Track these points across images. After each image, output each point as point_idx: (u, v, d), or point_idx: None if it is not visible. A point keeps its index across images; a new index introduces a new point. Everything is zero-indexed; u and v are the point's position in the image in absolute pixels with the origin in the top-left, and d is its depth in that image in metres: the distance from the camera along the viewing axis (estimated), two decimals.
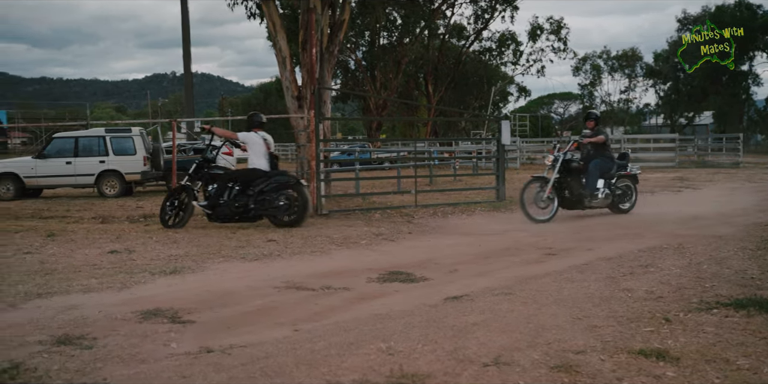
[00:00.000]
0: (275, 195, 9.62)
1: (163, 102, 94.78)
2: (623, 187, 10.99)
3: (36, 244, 8.28)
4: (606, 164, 10.67)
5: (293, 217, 9.75)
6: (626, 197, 11.07)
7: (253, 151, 9.88)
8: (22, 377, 3.58)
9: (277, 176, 9.75)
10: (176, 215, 9.94)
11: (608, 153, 10.87)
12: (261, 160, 9.85)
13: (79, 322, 4.71)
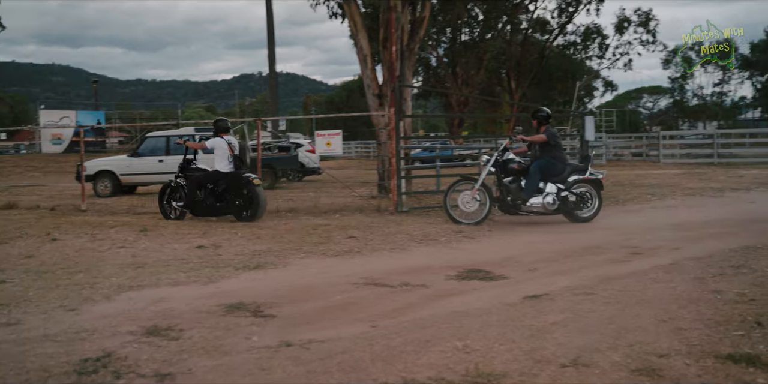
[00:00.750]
0: (232, 195, 10.52)
1: (250, 101, 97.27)
2: (581, 193, 10.00)
3: (129, 239, 8.66)
4: (553, 166, 9.88)
5: (249, 213, 10.45)
6: (584, 204, 10.03)
7: (217, 154, 10.64)
8: (114, 365, 3.77)
9: (234, 178, 10.52)
10: (174, 210, 11.04)
11: (559, 154, 10.04)
12: (223, 163, 10.61)
13: (167, 314, 4.91)
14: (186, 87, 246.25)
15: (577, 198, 9.94)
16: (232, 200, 10.54)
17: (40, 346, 4.15)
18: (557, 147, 10.09)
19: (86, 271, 6.60)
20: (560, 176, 9.86)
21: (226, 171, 10.61)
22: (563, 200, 9.81)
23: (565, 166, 9.99)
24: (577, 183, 9.95)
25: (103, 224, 9.98)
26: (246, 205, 10.50)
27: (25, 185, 23.21)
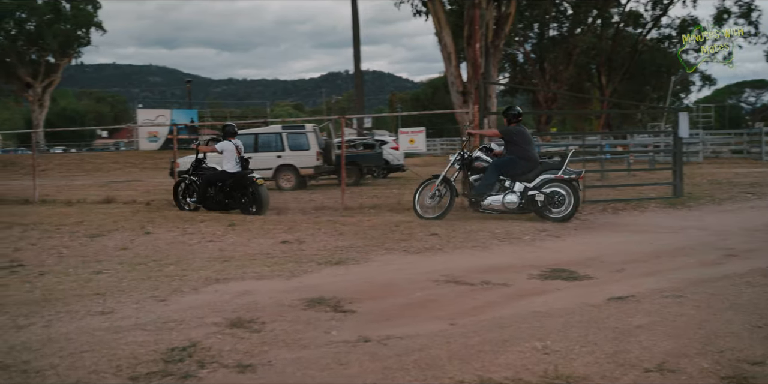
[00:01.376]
0: (238, 193, 11.48)
1: (336, 99, 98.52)
2: (551, 193, 9.70)
3: (218, 233, 8.93)
4: (514, 165, 9.79)
5: (255, 208, 11.33)
6: (555, 203, 9.71)
7: (226, 157, 11.55)
8: (198, 355, 3.90)
9: (240, 177, 11.45)
10: (187, 203, 12.07)
11: (524, 153, 9.84)
12: (231, 164, 11.53)
13: (250, 306, 5.04)
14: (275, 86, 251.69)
15: (546, 198, 9.69)
16: (238, 197, 11.49)
17: (131, 334, 4.34)
18: (520, 145, 9.89)
19: (176, 264, 6.85)
20: (526, 175, 9.77)
21: (233, 171, 11.51)
22: (530, 200, 9.70)
23: (531, 164, 9.82)
24: (548, 182, 9.72)
25: (194, 219, 10.33)
26: (251, 202, 11.41)
27: (123, 181, 24.32)
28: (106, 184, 22.61)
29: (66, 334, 4.38)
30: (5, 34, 46.36)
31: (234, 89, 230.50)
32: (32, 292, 5.67)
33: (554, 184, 9.72)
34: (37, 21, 46.27)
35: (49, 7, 46.79)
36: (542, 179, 9.73)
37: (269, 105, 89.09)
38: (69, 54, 48.89)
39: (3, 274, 6.51)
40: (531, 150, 10.01)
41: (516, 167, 9.82)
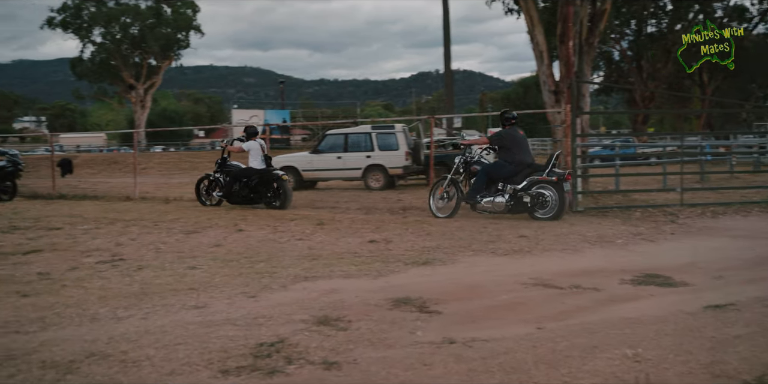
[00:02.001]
0: (263, 188, 12.28)
1: (426, 99, 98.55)
2: (536, 194, 9.94)
3: (307, 232, 9.09)
4: (501, 168, 10.23)
5: (278, 202, 12.19)
6: (540, 204, 9.95)
7: (252, 155, 12.46)
8: (286, 351, 3.98)
9: (266, 174, 12.31)
10: (209, 198, 12.99)
11: (510, 156, 10.20)
12: (256, 162, 12.44)
13: (337, 305, 5.10)
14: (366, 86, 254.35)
15: (532, 199, 9.96)
16: (264, 192, 12.34)
17: (222, 328, 4.47)
18: (508, 149, 10.23)
19: (267, 261, 7.02)
20: (513, 178, 10.09)
21: (259, 168, 12.39)
22: (518, 200, 10.03)
23: (518, 167, 10.11)
24: (534, 184, 9.97)
25: (284, 217, 10.56)
26: (275, 197, 12.28)
27: None
28: None
29: (162, 326, 4.56)
30: (111, 39, 48.75)
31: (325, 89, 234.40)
32: (131, 286, 5.94)
33: (540, 185, 9.96)
34: (141, 25, 48.45)
35: (152, 12, 48.92)
36: (529, 180, 10.00)
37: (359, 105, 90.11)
38: (169, 56, 50.96)
39: (105, 267, 6.84)
40: (518, 153, 10.23)
41: (502, 170, 10.21)
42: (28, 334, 4.49)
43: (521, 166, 10.15)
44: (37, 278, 6.35)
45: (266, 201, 12.36)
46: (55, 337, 4.39)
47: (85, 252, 7.74)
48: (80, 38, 49.02)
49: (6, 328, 4.62)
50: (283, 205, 12.17)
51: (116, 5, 49.30)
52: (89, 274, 6.49)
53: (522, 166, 10.15)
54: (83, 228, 9.69)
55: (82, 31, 48.82)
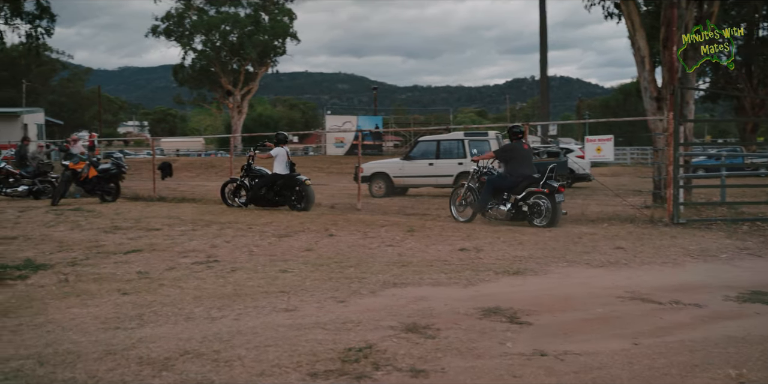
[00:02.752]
0: (288, 191, 13.14)
1: (520, 106, 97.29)
2: (533, 204, 10.60)
3: (397, 238, 9.09)
4: (503, 180, 10.93)
5: (303, 205, 12.99)
6: (537, 213, 10.58)
7: (278, 161, 13.25)
8: (374, 357, 3.96)
9: (290, 179, 13.13)
10: (233, 200, 13.75)
11: (512, 169, 10.94)
12: (281, 167, 13.21)
13: (426, 312, 5.05)
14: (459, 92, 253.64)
15: (530, 208, 10.62)
16: (288, 196, 13.15)
17: (312, 332, 4.50)
18: (511, 161, 10.97)
19: (356, 266, 7.04)
20: (514, 188, 10.76)
21: (284, 173, 13.17)
22: (518, 209, 10.71)
23: (519, 179, 10.74)
24: (532, 194, 10.60)
25: (375, 223, 10.59)
26: (299, 199, 13.07)
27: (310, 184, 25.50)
28: None
29: (253, 328, 4.63)
30: (211, 46, 50.49)
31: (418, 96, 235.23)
32: (225, 287, 6.08)
33: (536, 195, 10.60)
34: (239, 33, 49.93)
35: (250, 20, 50.34)
36: (527, 191, 10.62)
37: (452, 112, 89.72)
38: (266, 63, 52.27)
39: (200, 268, 7.04)
40: (520, 166, 10.90)
41: (504, 182, 10.92)
42: (127, 330, 4.65)
43: (521, 177, 10.77)
44: (137, 277, 6.60)
45: (290, 204, 13.16)
46: (152, 334, 4.53)
47: (182, 253, 8.00)
48: (182, 46, 50.97)
49: (107, 325, 4.80)
50: (306, 207, 12.98)
51: (217, 13, 51.03)
52: (185, 275, 6.69)
53: (522, 178, 10.76)
54: (181, 229, 10.03)
55: (183, 38, 50.77)
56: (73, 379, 3.65)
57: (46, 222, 11.15)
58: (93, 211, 12.71)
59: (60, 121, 51.51)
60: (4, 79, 60.80)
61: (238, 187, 13.86)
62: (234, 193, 13.90)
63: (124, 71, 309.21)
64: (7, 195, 16.31)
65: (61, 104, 67.42)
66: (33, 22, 25.34)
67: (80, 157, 15.35)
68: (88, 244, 8.69)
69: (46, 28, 25.78)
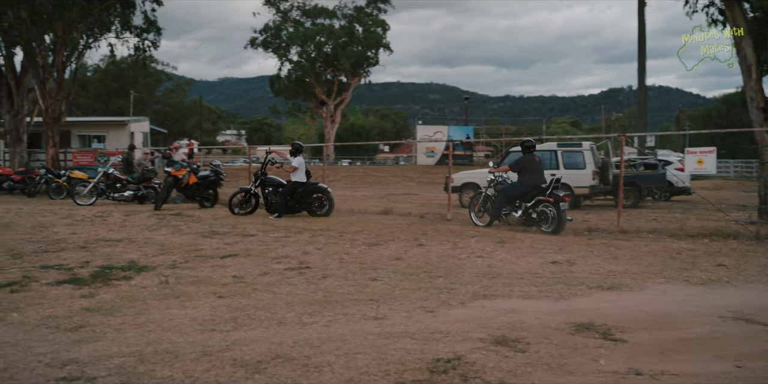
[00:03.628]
0: (309, 198, 13.73)
1: (616, 116, 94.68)
2: (540, 211, 11.44)
3: (487, 249, 9.00)
4: (515, 189, 11.87)
5: (324, 210, 13.75)
6: (545, 220, 11.39)
7: (299, 170, 13.75)
8: (462, 368, 3.93)
9: (310, 186, 13.74)
10: (242, 208, 14.05)
11: (523, 179, 11.79)
12: (301, 175, 13.72)
13: (516, 325, 4.97)
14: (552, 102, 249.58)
15: (538, 215, 11.48)
16: (309, 202, 13.74)
17: (400, 341, 4.52)
18: (523, 173, 11.85)
19: (446, 277, 7.02)
20: (525, 197, 11.71)
21: (303, 181, 13.69)
22: (528, 216, 11.65)
23: (529, 188, 11.66)
24: (540, 203, 11.47)
25: (465, 234, 10.54)
26: (320, 206, 13.79)
27: (400, 194, 25.65)
28: (385, 196, 24.02)
29: (342, 335, 4.69)
30: (306, 57, 51.64)
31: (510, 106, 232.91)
32: (316, 294, 6.18)
33: (544, 204, 11.43)
34: (334, 44, 50.86)
35: (345, 31, 51.23)
36: (536, 200, 11.51)
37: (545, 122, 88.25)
38: (359, 73, 53.00)
39: (293, 274, 7.19)
40: (531, 177, 11.77)
41: (515, 191, 11.83)
42: (222, 332, 4.80)
43: (531, 187, 11.65)
44: (232, 281, 6.81)
45: (310, 210, 13.73)
46: (245, 337, 4.65)
47: (275, 258, 8.19)
48: (278, 57, 52.33)
49: (203, 326, 4.97)
50: (328, 213, 13.74)
51: (312, 25, 52.20)
52: (278, 280, 6.85)
53: (532, 187, 11.64)
54: (274, 236, 10.26)
55: (280, 50, 52.13)
56: (171, 378, 3.80)
57: (149, 226, 11.66)
58: (192, 216, 13.20)
59: (164, 129, 53.77)
60: (114, 89, 64.13)
61: (247, 197, 14.13)
62: (242, 203, 14.08)
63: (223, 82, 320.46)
64: (114, 199, 17.15)
65: (165, 113, 70.38)
66: (141, 36, 26.61)
67: (182, 164, 15.98)
68: (187, 247, 9.03)
69: (152, 41, 26.99)
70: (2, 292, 6.24)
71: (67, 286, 6.50)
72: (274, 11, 52.84)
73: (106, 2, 24.61)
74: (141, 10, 26.29)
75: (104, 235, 10.29)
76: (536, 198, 11.49)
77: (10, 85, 25.39)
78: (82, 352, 4.31)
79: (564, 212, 11.25)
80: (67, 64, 25.98)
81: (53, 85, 25.32)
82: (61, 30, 24.05)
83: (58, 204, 17.20)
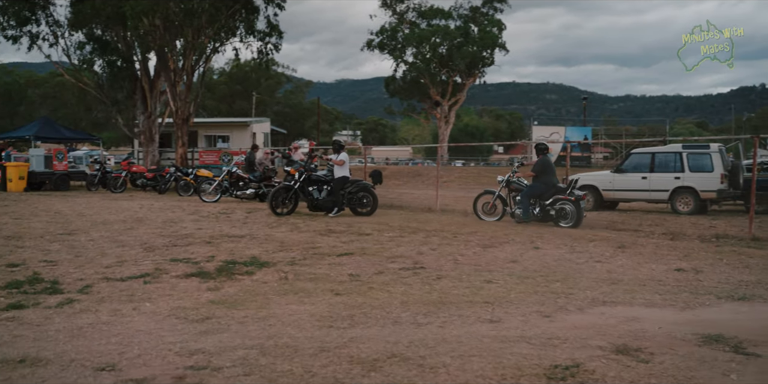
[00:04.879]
0: (355, 196, 13.87)
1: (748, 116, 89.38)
2: (559, 209, 12.42)
3: (606, 254, 8.72)
4: (536, 189, 12.68)
5: (368, 209, 13.91)
6: (564, 217, 12.38)
7: (346, 165, 13.93)
8: (581, 376, 3.83)
9: (357, 183, 14.06)
10: (285, 206, 13.88)
11: (544, 179, 12.68)
12: (346, 171, 13.94)
13: (638, 334, 4.79)
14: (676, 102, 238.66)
15: (556, 212, 12.44)
16: (357, 200, 13.92)
17: (517, 345, 4.45)
18: (542, 174, 12.72)
19: (563, 281, 6.86)
20: (543, 195, 12.59)
21: (349, 176, 13.99)
22: (546, 213, 12.54)
23: (548, 188, 12.59)
24: (558, 201, 12.44)
25: (582, 237, 10.26)
26: (363, 205, 13.97)
27: None
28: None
29: (457, 336, 4.68)
30: (422, 58, 51.80)
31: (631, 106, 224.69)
32: (430, 294, 6.19)
33: (562, 202, 12.42)
34: (449, 45, 50.75)
35: (460, 32, 50.99)
36: (554, 198, 12.47)
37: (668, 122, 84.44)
38: (474, 74, 52.61)
39: (407, 274, 7.24)
40: (549, 177, 12.74)
41: (536, 191, 12.66)
42: (339, 329, 4.90)
43: (550, 186, 12.62)
44: (348, 279, 6.93)
45: (354, 208, 13.91)
46: (361, 335, 4.73)
47: (390, 258, 8.28)
48: (394, 58, 52.75)
49: (321, 322, 5.09)
50: (372, 212, 13.94)
51: (428, 27, 52.29)
52: (393, 279, 6.92)
53: (550, 187, 12.61)
54: (389, 235, 10.37)
55: (396, 51, 52.53)
56: (291, 372, 3.91)
57: (269, 223, 12.08)
58: (309, 215, 13.53)
59: (283, 130, 55.46)
60: (237, 91, 66.78)
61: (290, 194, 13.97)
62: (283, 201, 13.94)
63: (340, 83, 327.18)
64: (236, 197, 17.89)
65: (285, 114, 72.53)
66: (264, 39, 27.61)
67: (300, 163, 16.43)
68: (305, 245, 9.28)
69: (274, 45, 27.92)
70: (137, 282, 6.64)
71: (195, 279, 6.83)
72: (391, 13, 53.33)
73: (232, 8, 25.72)
74: (264, 15, 27.33)
75: (228, 232, 10.74)
76: (555, 197, 12.44)
77: (144, 89, 27.03)
78: (208, 342, 4.52)
79: (582, 209, 12.41)
80: (195, 68, 27.37)
81: (183, 88, 26.69)
82: (190, 35, 25.35)
83: (186, 200, 18.14)
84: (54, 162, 23.25)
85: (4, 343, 4.51)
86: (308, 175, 14.19)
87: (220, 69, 66.54)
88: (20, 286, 6.35)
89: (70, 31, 27.23)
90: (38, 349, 4.36)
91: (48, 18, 26.89)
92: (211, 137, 36.24)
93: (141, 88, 27.17)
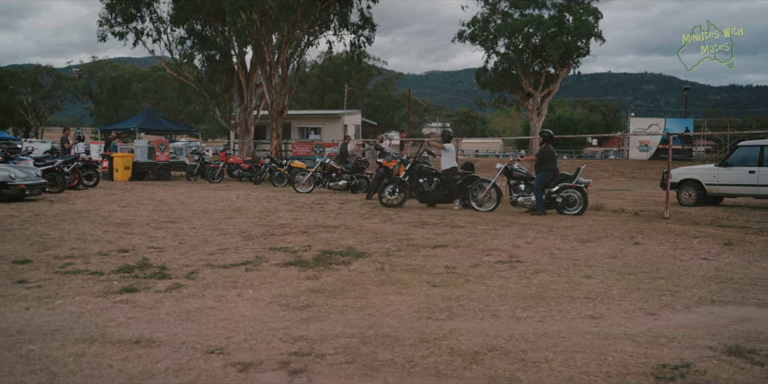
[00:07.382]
0: (473, 186, 13.53)
1: None
2: (566, 196, 12.62)
3: (713, 251, 8.36)
4: (545, 177, 12.67)
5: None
6: (569, 203, 12.62)
7: (449, 156, 13.79)
8: (691, 377, 3.69)
9: (470, 174, 13.93)
10: (395, 198, 13.70)
11: (550, 167, 12.77)
12: (453, 162, 13.85)
13: (751, 335, 4.58)
14: None
15: (563, 200, 12.63)
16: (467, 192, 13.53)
17: (621, 343, 4.33)
18: (547, 162, 12.82)
19: (667, 278, 6.63)
20: (550, 183, 12.68)
21: (456, 166, 13.85)
22: (552, 200, 12.69)
23: (555, 176, 12.75)
24: (564, 189, 12.64)
25: (686, 233, 9.88)
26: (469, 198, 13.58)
27: (611, 189, 24.57)
28: (595, 191, 23.13)
29: (558, 331, 4.59)
30: (514, 49, 50.98)
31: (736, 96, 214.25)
32: (528, 288, 6.11)
33: (570, 189, 12.66)
34: (542, 35, 49.71)
35: (554, 21, 49.80)
36: (561, 186, 12.66)
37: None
38: (568, 64, 51.31)
39: (504, 267, 7.16)
40: (553, 165, 12.89)
41: (545, 179, 12.68)
42: (438, 321, 4.90)
43: (555, 174, 12.79)
44: (444, 271, 6.93)
45: (460, 197, 13.61)
46: (460, 327, 4.71)
47: (485, 251, 8.21)
48: (485, 49, 51.93)
49: (419, 314, 5.11)
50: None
51: (521, 16, 51.36)
52: (490, 272, 6.86)
53: (556, 174, 12.79)
54: (483, 228, 10.29)
55: (487, 42, 51.80)
56: (392, 361, 3.94)
57: (362, 214, 12.20)
58: (402, 207, 13.59)
59: (374, 122, 55.88)
60: (329, 84, 67.67)
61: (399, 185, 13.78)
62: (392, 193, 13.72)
63: (430, 75, 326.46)
64: (329, 188, 18.17)
65: (375, 106, 72.99)
66: (357, 32, 27.84)
67: (393, 155, 16.51)
68: (399, 236, 9.33)
69: (367, 37, 28.10)
70: (239, 269, 6.85)
71: (293, 268, 6.99)
72: (483, 4, 52.62)
73: (326, 2, 26.04)
74: (357, 8, 27.52)
75: (323, 222, 10.92)
76: (561, 184, 12.64)
77: (241, 82, 27.78)
78: (310, 329, 4.61)
79: (587, 197, 12.77)
80: (290, 61, 27.89)
81: (278, 81, 27.27)
82: (286, 29, 25.83)
83: (280, 191, 18.57)
84: (156, 153, 24.23)
85: (120, 324, 4.75)
86: (419, 167, 14.09)
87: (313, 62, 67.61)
88: (131, 271, 6.67)
89: (172, 27, 28.24)
90: (151, 330, 4.57)
91: (152, 14, 28.00)
92: (304, 129, 36.89)
93: (238, 81, 27.94)
